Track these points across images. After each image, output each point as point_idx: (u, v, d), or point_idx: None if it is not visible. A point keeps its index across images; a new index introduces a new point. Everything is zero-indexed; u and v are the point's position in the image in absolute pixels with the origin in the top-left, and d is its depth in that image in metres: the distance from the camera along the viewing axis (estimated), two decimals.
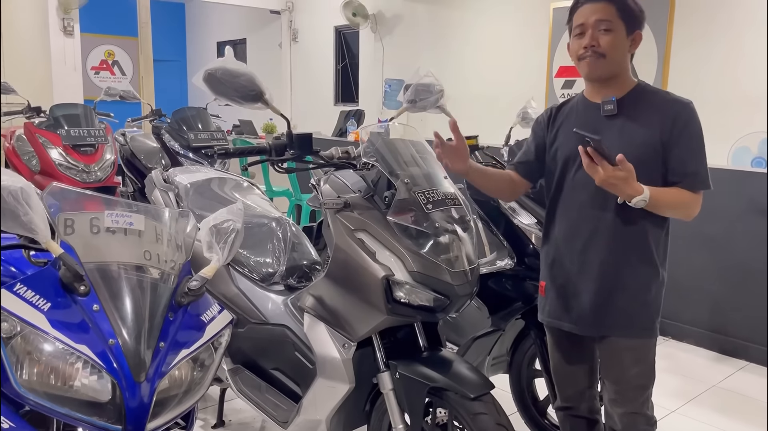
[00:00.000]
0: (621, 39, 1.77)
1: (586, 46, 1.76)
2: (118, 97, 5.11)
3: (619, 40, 1.76)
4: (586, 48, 1.76)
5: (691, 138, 1.75)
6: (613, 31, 1.75)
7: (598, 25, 1.75)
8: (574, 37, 1.81)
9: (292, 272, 2.34)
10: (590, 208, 1.81)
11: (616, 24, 1.75)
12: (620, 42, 1.77)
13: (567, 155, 1.85)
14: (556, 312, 1.91)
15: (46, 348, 1.20)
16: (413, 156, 1.91)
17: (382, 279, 1.74)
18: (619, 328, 1.82)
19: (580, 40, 1.78)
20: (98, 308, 1.23)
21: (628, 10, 1.77)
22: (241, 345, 2.27)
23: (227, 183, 2.70)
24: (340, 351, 1.86)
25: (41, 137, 4.39)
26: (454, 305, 1.81)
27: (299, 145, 1.93)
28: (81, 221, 1.30)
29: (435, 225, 1.77)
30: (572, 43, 1.83)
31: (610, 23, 1.74)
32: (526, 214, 2.38)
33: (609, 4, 1.75)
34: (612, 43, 1.75)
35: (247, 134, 7.79)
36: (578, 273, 1.85)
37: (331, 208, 1.83)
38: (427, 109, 2.44)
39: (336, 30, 9.58)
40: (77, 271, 1.23)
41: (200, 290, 1.38)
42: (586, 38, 1.76)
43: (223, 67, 1.82)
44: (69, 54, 8.41)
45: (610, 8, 1.75)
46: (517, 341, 2.56)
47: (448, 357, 1.91)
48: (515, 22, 7.29)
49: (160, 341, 1.28)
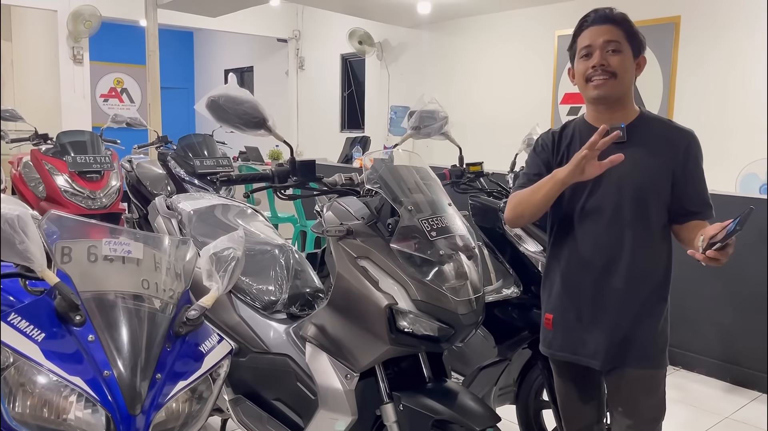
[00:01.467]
0: (629, 61, 1.75)
1: (595, 65, 1.72)
2: (125, 124, 5.15)
3: (628, 62, 1.74)
4: (595, 67, 1.72)
5: (700, 168, 1.76)
6: (622, 53, 1.73)
7: (606, 46, 1.72)
8: (580, 59, 1.77)
9: (295, 300, 2.31)
10: (605, 239, 1.76)
11: (624, 46, 1.73)
12: (629, 64, 1.75)
13: (574, 184, 1.80)
14: (570, 346, 1.85)
15: (40, 379, 1.17)
16: (417, 182, 1.89)
17: (385, 308, 1.70)
18: (633, 360, 1.78)
19: (588, 61, 1.74)
20: (93, 338, 1.21)
21: (634, 33, 1.76)
22: (242, 375, 2.23)
23: (231, 210, 2.69)
24: (342, 381, 1.82)
25: (47, 164, 4.41)
26: (460, 335, 1.77)
27: (302, 172, 1.91)
28: (78, 249, 1.28)
29: (439, 252, 1.74)
30: (578, 65, 1.78)
31: (619, 44, 1.73)
32: (532, 241, 2.35)
33: (616, 27, 1.74)
34: (622, 63, 1.73)
35: (253, 161, 7.82)
36: (593, 305, 1.79)
37: (333, 235, 1.81)
38: (432, 136, 2.43)
39: (342, 58, 9.67)
40: (73, 301, 1.21)
41: (199, 320, 1.35)
42: (595, 58, 1.72)
43: (226, 94, 1.81)
44: (78, 82, 8.52)
45: (618, 30, 1.74)
46: (524, 371, 2.50)
47: (454, 389, 1.86)
48: (520, 49, 7.34)
49: (157, 372, 1.25)
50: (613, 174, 1.72)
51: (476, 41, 7.84)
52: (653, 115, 1.84)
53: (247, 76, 11.83)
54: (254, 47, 11.26)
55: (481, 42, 7.79)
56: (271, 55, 10.91)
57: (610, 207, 1.75)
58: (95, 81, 10.59)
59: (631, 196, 1.73)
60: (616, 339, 1.77)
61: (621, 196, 1.74)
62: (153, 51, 6.96)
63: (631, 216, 1.73)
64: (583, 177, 1.65)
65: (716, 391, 3.54)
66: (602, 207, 1.76)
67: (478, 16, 7.70)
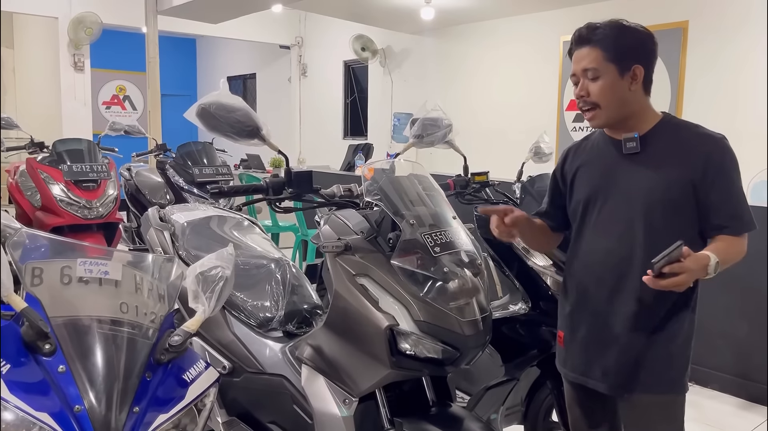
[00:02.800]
0: (612, 83, 1.62)
1: (577, 96, 1.68)
2: (123, 132, 5.06)
3: (609, 85, 1.63)
4: (578, 98, 1.68)
5: (728, 178, 1.61)
6: (602, 78, 1.63)
7: (584, 74, 1.65)
8: (573, 87, 1.72)
9: (291, 317, 2.20)
10: (617, 255, 1.67)
11: (603, 68, 1.62)
12: (612, 86, 1.63)
13: (587, 196, 1.72)
14: (579, 367, 1.76)
15: (5, 416, 1.06)
16: (419, 194, 1.78)
17: (386, 329, 1.59)
18: (646, 385, 1.67)
19: (576, 89, 1.69)
20: (64, 369, 1.11)
21: (616, 49, 1.62)
22: (236, 396, 2.12)
23: (227, 222, 2.59)
24: (340, 407, 1.71)
25: (43, 172, 4.32)
26: (465, 357, 1.66)
27: (298, 183, 1.81)
28: (51, 270, 1.18)
29: (443, 269, 1.63)
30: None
31: (597, 70, 1.63)
32: (541, 255, 2.24)
33: (593, 49, 1.64)
34: (601, 90, 1.63)
35: (255, 169, 7.73)
36: (603, 325, 1.70)
37: (330, 251, 1.70)
38: (435, 144, 2.33)
39: (345, 64, 9.61)
40: (41, 328, 1.10)
41: (183, 346, 1.25)
42: (578, 89, 1.68)
43: (217, 102, 1.71)
44: (79, 89, 8.46)
45: (595, 52, 1.63)
46: (532, 391, 2.39)
47: (459, 414, 1.75)
48: (525, 55, 7.26)
49: (135, 404, 1.14)
50: (624, 187, 1.65)
51: (480, 47, 7.75)
52: (678, 120, 1.72)
53: (249, 83, 11.78)
54: (257, 54, 11.21)
55: (485, 48, 7.70)
56: (274, 61, 10.85)
57: (621, 222, 1.66)
58: (97, 88, 10.54)
59: (641, 211, 1.63)
60: (625, 362, 1.67)
61: (632, 211, 1.64)
62: (153, 58, 6.89)
63: (642, 232, 1.63)
64: (513, 235, 1.75)
65: (731, 408, 3.41)
66: (613, 222, 1.67)
67: (482, 21, 7.61)
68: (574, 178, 1.78)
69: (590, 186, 1.72)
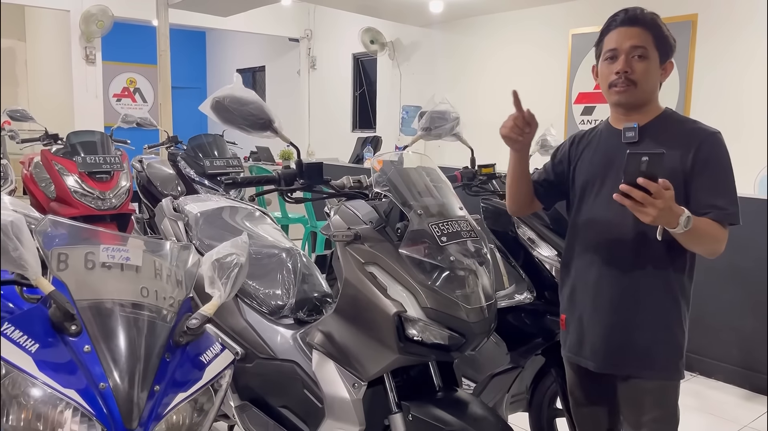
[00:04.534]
0: (654, 67, 1.69)
1: (619, 71, 1.67)
2: (135, 124, 5.13)
3: (652, 69, 1.68)
4: (618, 74, 1.67)
5: (716, 169, 1.64)
6: (648, 59, 1.67)
7: (632, 51, 1.66)
8: (604, 62, 1.72)
9: (302, 305, 2.26)
10: (606, 237, 1.73)
11: (651, 52, 1.67)
12: (654, 70, 1.69)
13: (585, 181, 1.78)
14: (574, 346, 1.83)
15: (34, 392, 1.13)
16: (427, 185, 1.83)
17: (394, 315, 1.65)
18: (637, 368, 1.72)
19: (612, 65, 1.69)
20: (89, 349, 1.17)
21: (664, 38, 1.69)
22: (248, 381, 2.18)
23: (239, 212, 2.65)
24: (349, 390, 1.77)
25: (57, 164, 4.39)
26: (471, 343, 1.71)
27: (309, 175, 1.86)
28: (75, 256, 1.24)
29: (450, 258, 1.68)
30: (602, 67, 1.74)
31: (645, 50, 1.66)
32: (546, 245, 2.28)
33: (645, 31, 1.67)
34: (646, 70, 1.67)
35: (264, 161, 7.79)
36: (593, 306, 1.76)
37: (340, 240, 1.75)
38: (443, 137, 2.37)
39: (354, 57, 9.63)
40: (68, 310, 1.16)
41: (200, 329, 1.31)
42: (619, 63, 1.67)
43: (230, 95, 1.76)
44: (91, 82, 8.54)
45: (647, 35, 1.67)
46: (537, 378, 2.44)
47: (464, 398, 1.81)
48: (533, 48, 7.26)
49: (156, 384, 1.20)
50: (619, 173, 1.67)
51: (489, 40, 7.76)
52: (678, 115, 1.77)
53: (259, 76, 11.83)
54: (266, 47, 11.25)
55: (493, 41, 7.71)
56: (283, 54, 10.89)
57: (614, 208, 1.70)
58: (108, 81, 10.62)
59: None
60: (614, 342, 1.73)
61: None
62: (164, 51, 6.95)
63: (633, 219, 1.67)
64: (521, 144, 1.83)
65: (735, 398, 3.45)
66: (608, 206, 1.71)
67: (491, 14, 7.62)
68: (577, 164, 1.83)
69: (589, 172, 1.78)
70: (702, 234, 1.58)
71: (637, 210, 1.47)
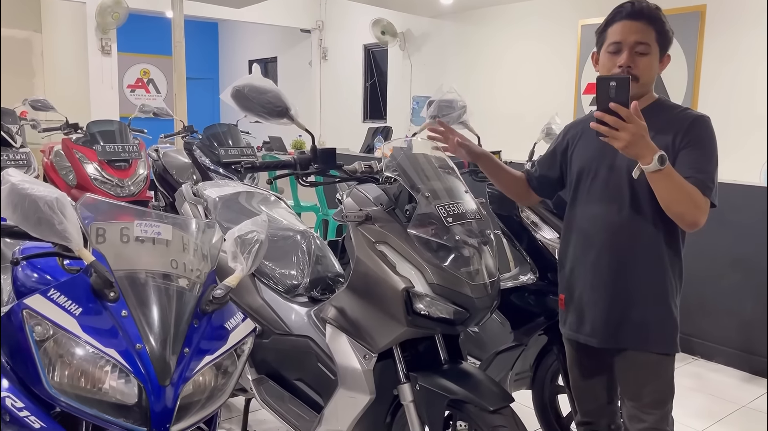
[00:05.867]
0: (654, 63, 1.76)
1: (622, 65, 1.73)
2: (152, 114, 5.26)
3: (653, 64, 1.75)
4: (621, 68, 1.73)
5: (702, 145, 1.71)
6: (650, 55, 1.74)
7: (635, 46, 1.73)
8: (607, 53, 1.79)
9: (316, 284, 2.38)
10: (602, 221, 1.82)
11: (653, 47, 1.74)
12: (653, 66, 1.76)
13: (581, 168, 1.86)
14: (573, 324, 1.92)
15: (77, 351, 1.25)
16: (435, 170, 1.94)
17: (402, 291, 1.76)
18: (634, 342, 1.81)
19: (614, 58, 1.75)
20: (126, 314, 1.29)
21: (665, 33, 1.76)
22: (265, 356, 2.31)
23: (255, 197, 2.76)
24: (361, 362, 1.89)
25: (78, 152, 4.54)
26: (474, 318, 1.82)
27: (323, 160, 1.97)
28: (112, 230, 1.36)
29: (455, 238, 1.79)
30: (604, 58, 1.80)
31: (648, 47, 1.73)
32: (549, 228, 2.38)
33: (649, 26, 1.73)
34: (647, 66, 1.74)
35: (277, 150, 7.90)
36: (591, 285, 1.85)
37: (352, 220, 1.87)
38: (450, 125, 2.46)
39: (365, 48, 9.70)
40: (107, 278, 1.28)
41: (224, 298, 1.42)
42: (622, 58, 1.73)
43: (250, 84, 1.87)
44: (106, 72, 8.67)
45: (650, 30, 1.73)
46: (539, 356, 2.55)
47: (469, 370, 1.92)
48: (543, 39, 7.31)
49: (185, 347, 1.32)
50: (613, 159, 1.77)
51: (499, 31, 7.82)
52: (670, 103, 1.85)
53: (270, 67, 11.92)
54: (278, 38, 11.34)
55: (503, 31, 7.76)
56: (295, 45, 10.98)
57: (610, 191, 1.80)
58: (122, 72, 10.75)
59: (628, 180, 1.74)
60: (613, 318, 1.81)
61: (619, 179, 1.77)
62: (179, 42, 7.07)
63: (629, 201, 1.77)
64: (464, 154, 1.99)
65: (734, 380, 3.54)
66: (603, 190, 1.80)
67: (501, 5, 7.67)
68: (572, 152, 1.92)
69: (584, 158, 1.86)
70: (679, 184, 1.60)
71: (611, 135, 1.55)
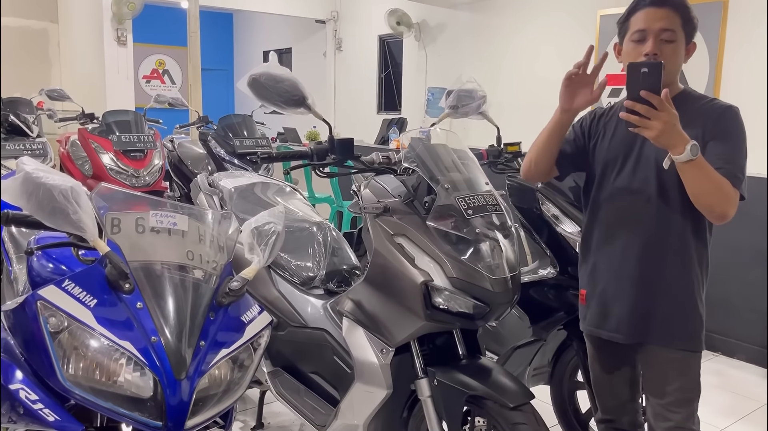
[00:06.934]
0: (681, 50, 1.71)
1: (648, 53, 1.68)
2: (167, 105, 5.25)
3: (679, 51, 1.70)
4: (647, 56, 1.68)
5: (732, 137, 1.66)
6: (676, 42, 1.69)
7: (661, 33, 1.68)
8: (630, 41, 1.74)
9: (332, 276, 2.35)
10: (629, 213, 1.77)
11: (678, 34, 1.69)
12: (679, 53, 1.71)
13: (606, 160, 1.81)
14: (595, 320, 1.87)
15: (92, 343, 1.23)
16: (454, 161, 1.90)
17: (421, 284, 1.73)
18: (659, 337, 1.76)
19: (639, 47, 1.70)
20: (142, 306, 1.26)
21: (691, 20, 1.71)
22: (280, 348, 2.29)
23: (270, 188, 2.74)
24: (378, 356, 1.86)
25: (94, 142, 4.54)
26: (494, 313, 1.79)
27: (340, 150, 1.94)
28: (127, 221, 1.33)
29: (475, 231, 1.75)
30: (627, 47, 1.75)
31: (674, 33, 1.68)
32: (570, 221, 2.33)
33: (674, 13, 1.68)
34: (674, 53, 1.69)
35: (291, 141, 7.89)
36: (617, 279, 1.80)
37: (370, 212, 1.83)
38: (469, 115, 2.43)
39: (380, 39, 9.64)
40: (122, 269, 1.26)
41: (241, 291, 1.40)
42: (648, 46, 1.68)
43: (267, 73, 1.84)
44: (122, 63, 8.67)
45: (675, 17, 1.68)
46: (558, 352, 2.51)
47: (488, 366, 1.88)
48: (561, 29, 7.20)
49: (201, 340, 1.30)
50: (640, 151, 1.73)
51: (516, 21, 7.72)
52: (696, 93, 1.80)
53: (285, 58, 11.89)
54: (293, 28, 11.30)
55: (520, 21, 7.67)
56: (310, 36, 10.94)
57: (637, 183, 1.75)
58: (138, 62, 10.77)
59: (656, 172, 1.70)
60: (638, 314, 1.77)
61: (647, 171, 1.73)
62: (194, 32, 7.05)
63: (656, 192, 1.72)
64: (575, 104, 1.72)
65: (756, 378, 3.48)
66: (630, 183, 1.75)
67: None
68: (598, 141, 1.85)
69: (610, 151, 1.81)
70: (709, 174, 1.56)
71: (643, 124, 1.51)
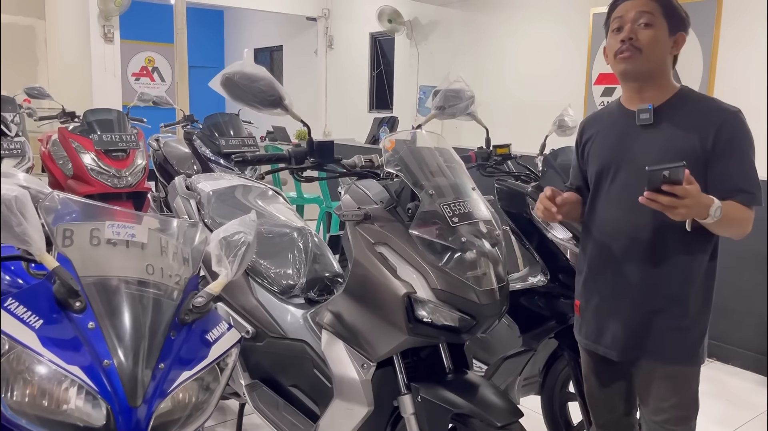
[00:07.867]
0: (662, 36, 1.63)
1: (624, 39, 1.62)
2: (151, 103, 5.13)
3: (659, 37, 1.63)
4: (623, 41, 1.62)
5: (738, 150, 1.59)
6: (654, 26, 1.62)
7: (638, 18, 1.62)
8: (611, 33, 1.68)
9: (313, 284, 2.25)
10: (625, 225, 1.68)
11: (657, 19, 1.62)
12: (660, 39, 1.63)
13: (600, 167, 1.72)
14: (591, 334, 1.79)
15: (38, 368, 1.12)
16: (440, 165, 1.80)
17: (403, 296, 1.63)
18: (654, 353, 1.68)
19: (617, 35, 1.65)
20: (94, 326, 1.16)
21: (672, 8, 1.64)
22: (259, 360, 2.19)
23: (251, 191, 2.64)
24: (358, 371, 1.76)
25: (74, 142, 4.42)
26: (481, 326, 1.69)
27: (320, 153, 1.83)
28: (81, 232, 1.23)
29: (461, 239, 1.65)
30: (609, 41, 1.70)
31: (652, 17, 1.62)
32: (561, 227, 2.24)
33: (652, 1, 1.63)
34: (651, 38, 1.62)
35: (281, 140, 7.78)
36: (612, 293, 1.72)
37: (350, 219, 1.73)
38: (457, 116, 2.32)
39: (371, 37, 9.55)
40: (72, 286, 1.15)
41: (206, 307, 1.29)
42: (624, 31, 1.63)
43: (240, 71, 1.73)
44: (109, 60, 8.55)
45: (653, 3, 1.62)
46: (549, 362, 2.42)
47: (475, 381, 1.78)
48: (554, 27, 7.13)
49: (160, 362, 1.19)
50: (636, 158, 1.65)
51: (508, 19, 7.64)
52: (696, 93, 1.70)
53: (276, 55, 11.79)
54: (284, 26, 11.20)
55: (512, 20, 7.58)
56: (301, 33, 10.83)
57: (632, 191, 1.65)
58: (127, 59, 10.64)
59: None
60: (633, 329, 1.70)
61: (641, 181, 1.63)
62: (181, 29, 6.93)
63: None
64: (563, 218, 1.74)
65: (752, 385, 3.40)
66: (625, 191, 1.67)
67: None
68: (590, 149, 1.78)
69: (603, 156, 1.73)
70: (731, 219, 1.55)
71: (668, 211, 1.45)
